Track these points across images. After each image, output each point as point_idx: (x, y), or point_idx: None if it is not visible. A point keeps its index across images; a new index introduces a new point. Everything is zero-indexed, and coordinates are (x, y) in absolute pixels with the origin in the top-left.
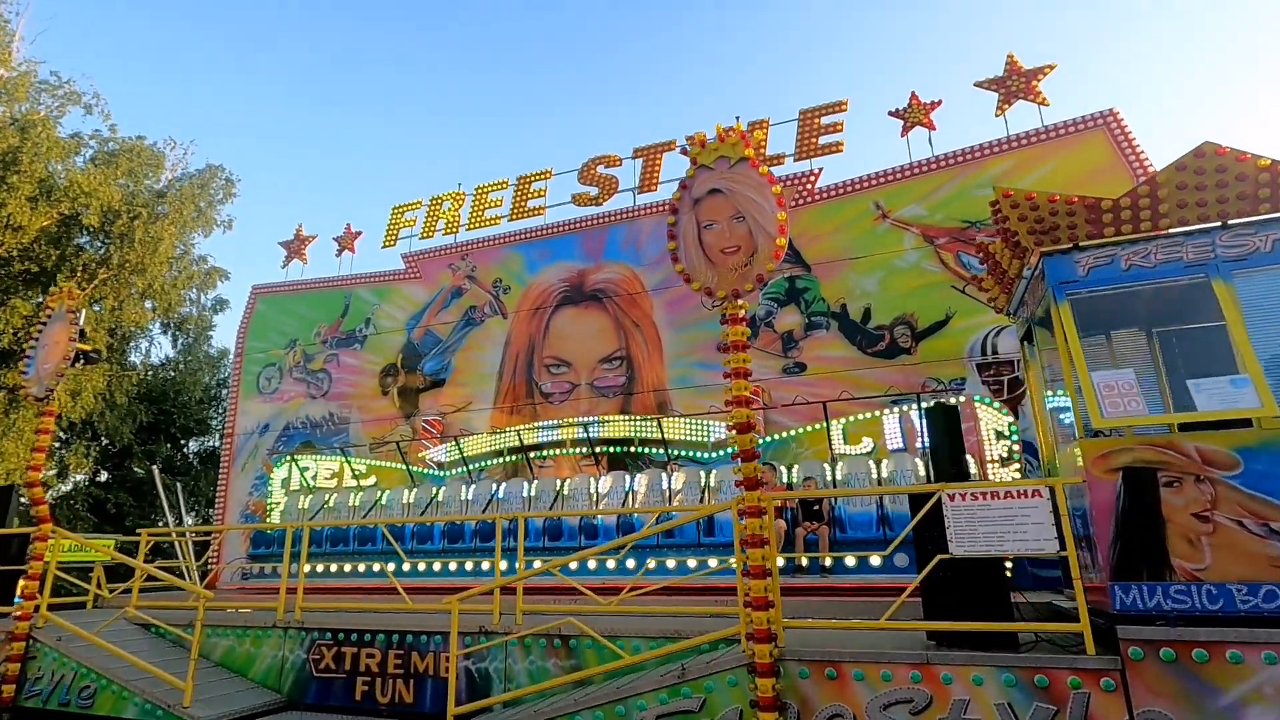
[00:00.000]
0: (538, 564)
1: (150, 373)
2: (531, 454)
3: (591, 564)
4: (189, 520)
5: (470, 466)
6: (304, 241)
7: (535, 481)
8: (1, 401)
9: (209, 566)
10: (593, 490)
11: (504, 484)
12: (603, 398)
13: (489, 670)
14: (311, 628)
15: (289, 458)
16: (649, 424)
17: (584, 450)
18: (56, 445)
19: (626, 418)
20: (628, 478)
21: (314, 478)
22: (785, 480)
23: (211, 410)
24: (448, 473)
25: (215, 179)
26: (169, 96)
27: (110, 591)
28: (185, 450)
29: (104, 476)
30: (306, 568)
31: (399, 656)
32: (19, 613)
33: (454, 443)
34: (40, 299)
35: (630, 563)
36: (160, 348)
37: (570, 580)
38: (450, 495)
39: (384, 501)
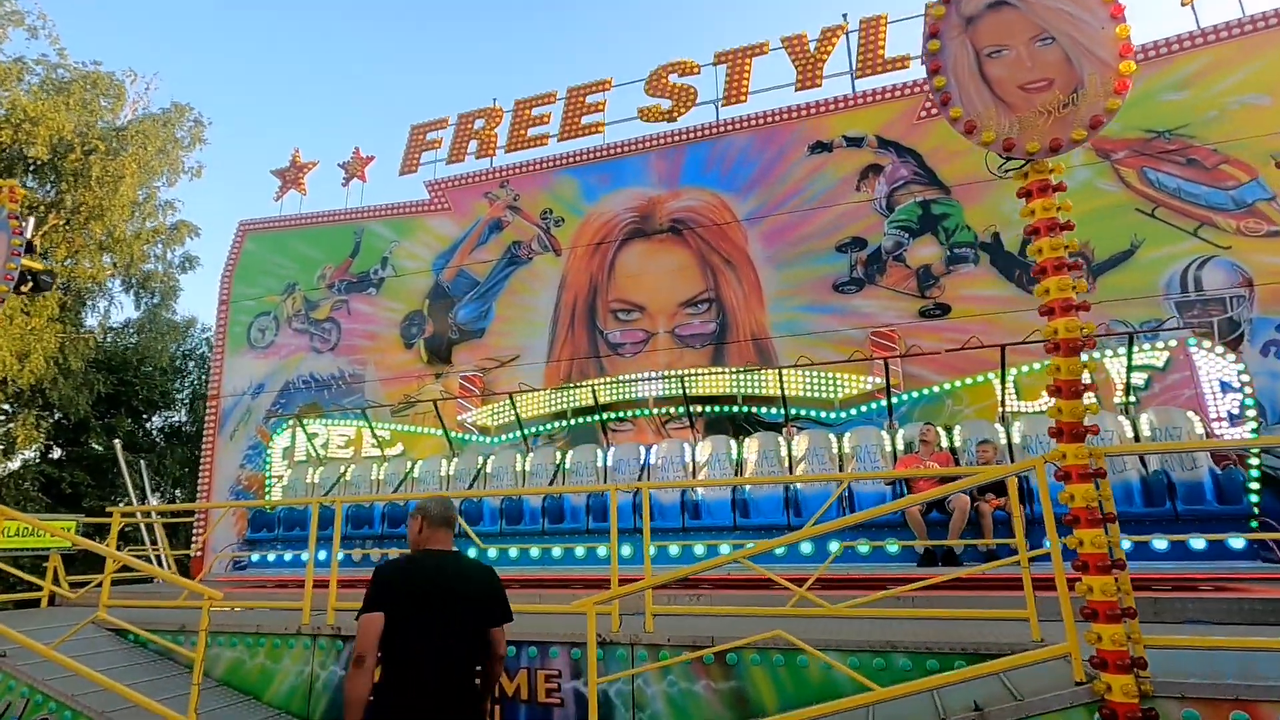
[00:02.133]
0: (698, 549)
1: (109, 337)
2: (599, 416)
3: (715, 549)
4: (153, 502)
5: (526, 431)
6: (302, 169)
7: (612, 449)
8: None
9: (192, 555)
10: (688, 459)
11: (570, 452)
12: (687, 348)
13: (609, 695)
14: (352, 635)
15: (293, 422)
16: (761, 378)
17: (667, 411)
18: (1, 417)
19: (728, 371)
20: (732, 443)
21: (324, 446)
22: (947, 444)
23: (176, 383)
24: (495, 438)
25: (183, 119)
26: (126, 24)
27: (70, 588)
28: (149, 425)
29: (57, 453)
30: (323, 555)
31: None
32: None
33: (509, 401)
34: None
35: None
36: (121, 308)
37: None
38: (501, 466)
39: (416, 474)
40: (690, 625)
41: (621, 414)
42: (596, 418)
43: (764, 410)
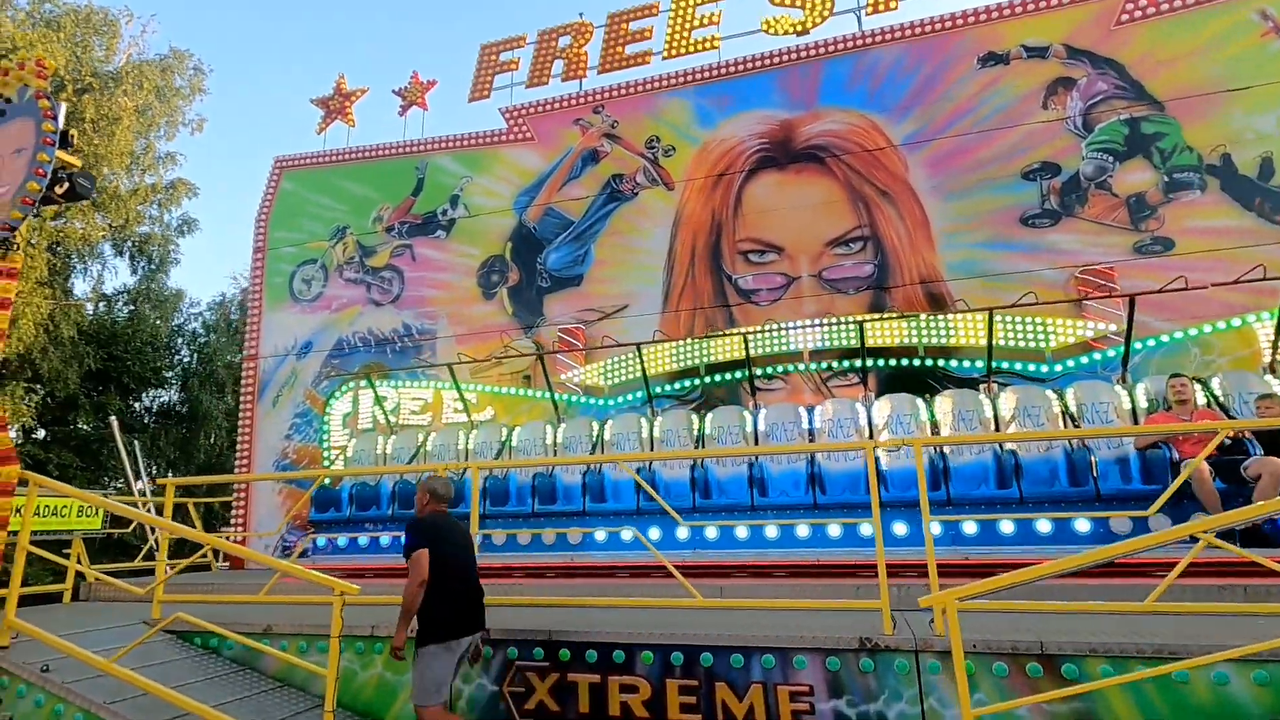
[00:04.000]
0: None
1: (100, 305)
2: (741, 373)
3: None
4: (140, 487)
5: (652, 390)
6: (348, 97)
7: (763, 411)
8: None
9: (233, 539)
10: (863, 422)
11: (710, 414)
12: (839, 294)
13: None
14: (505, 639)
15: (355, 383)
16: (949, 326)
17: (829, 365)
18: None
19: (907, 318)
20: (919, 402)
21: (394, 410)
22: (1204, 400)
23: (165, 360)
24: (606, 400)
25: (182, 66)
26: None
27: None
28: (141, 404)
29: (41, 433)
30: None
31: (689, 690)
32: None
33: (628, 355)
34: None
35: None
36: (115, 274)
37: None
38: (622, 432)
39: (515, 443)
40: (997, 625)
41: (770, 370)
42: (738, 375)
43: (953, 363)
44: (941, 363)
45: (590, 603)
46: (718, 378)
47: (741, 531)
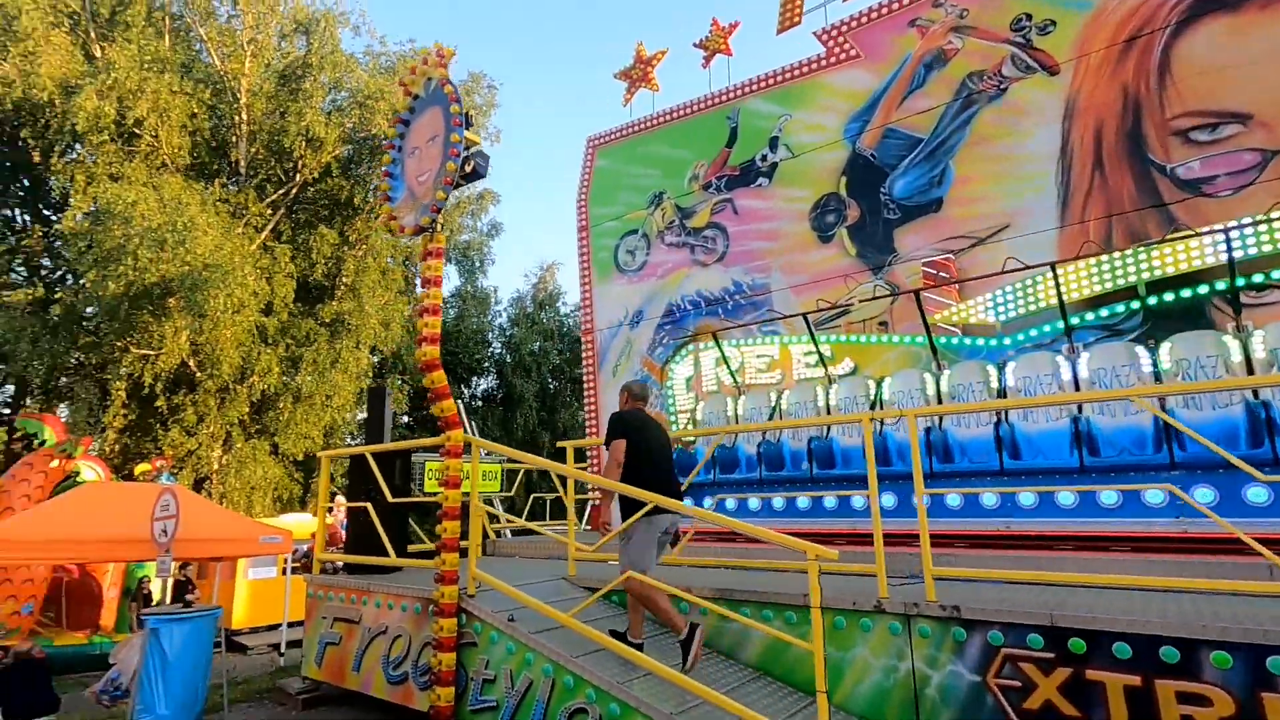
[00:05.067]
0: None
1: (443, 308)
2: (1198, 286)
3: None
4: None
5: (1069, 322)
6: (649, 63)
7: (1261, 334)
8: (323, 335)
9: (591, 502)
10: None
11: (1167, 346)
12: None
13: None
14: (979, 619)
15: (695, 346)
16: None
17: None
18: (372, 375)
19: None
20: None
21: (738, 369)
22: None
23: (484, 351)
24: (1000, 339)
25: (479, 86)
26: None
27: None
28: (469, 390)
29: (405, 419)
30: (806, 499)
31: None
32: (446, 571)
33: (1034, 282)
34: (343, 229)
35: None
36: (447, 279)
37: None
38: (1031, 376)
39: (887, 397)
40: None
41: (1263, 276)
42: (1204, 289)
43: None
44: None
45: (1076, 580)
46: (1168, 297)
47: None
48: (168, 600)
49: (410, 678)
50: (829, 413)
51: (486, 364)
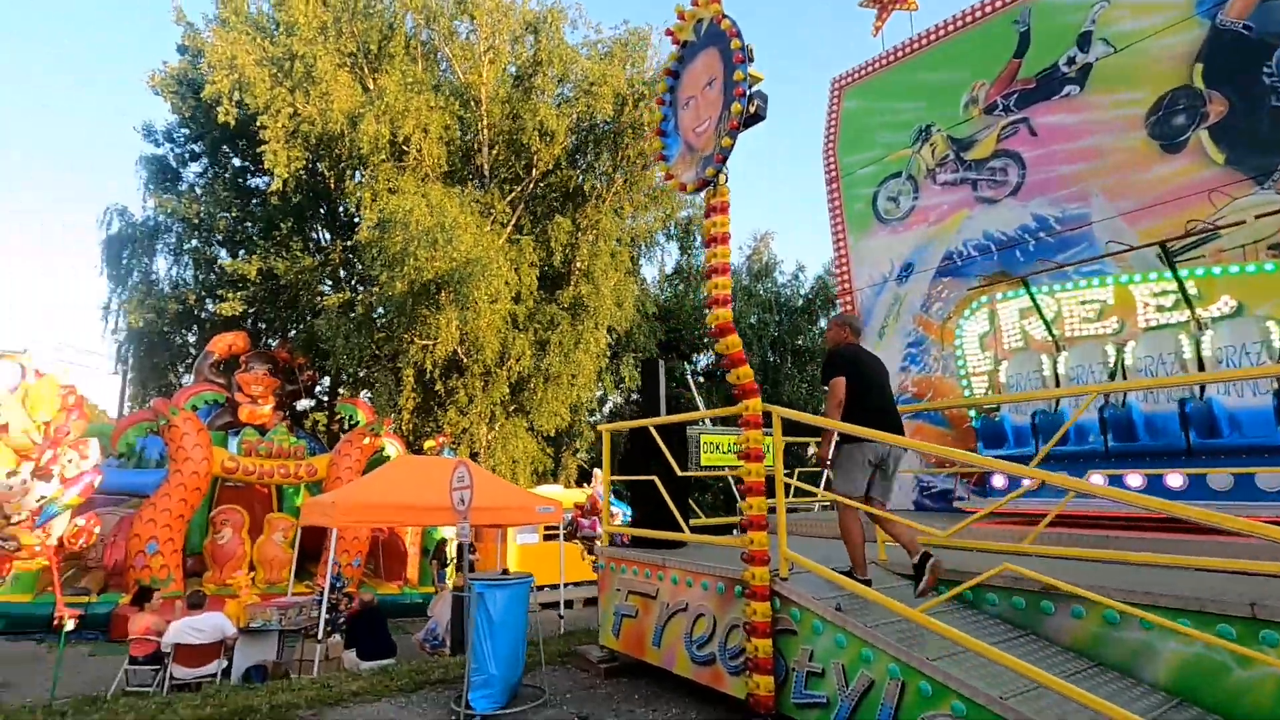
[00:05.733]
0: None
1: (665, 285)
2: None
3: None
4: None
5: None
6: None
7: None
8: (565, 319)
9: None
10: None
11: None
12: None
13: None
14: None
15: (990, 297)
16: None
17: None
18: (608, 354)
19: None
20: None
21: (1054, 320)
22: None
23: (703, 328)
24: None
25: None
26: None
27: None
28: (693, 367)
29: (634, 396)
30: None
31: None
32: (755, 551)
33: None
34: (574, 216)
35: None
36: (669, 256)
37: None
38: None
39: None
40: None
41: None
42: None
43: None
44: None
45: None
46: None
47: None
48: (456, 561)
49: (718, 659)
50: (1200, 365)
51: (706, 340)
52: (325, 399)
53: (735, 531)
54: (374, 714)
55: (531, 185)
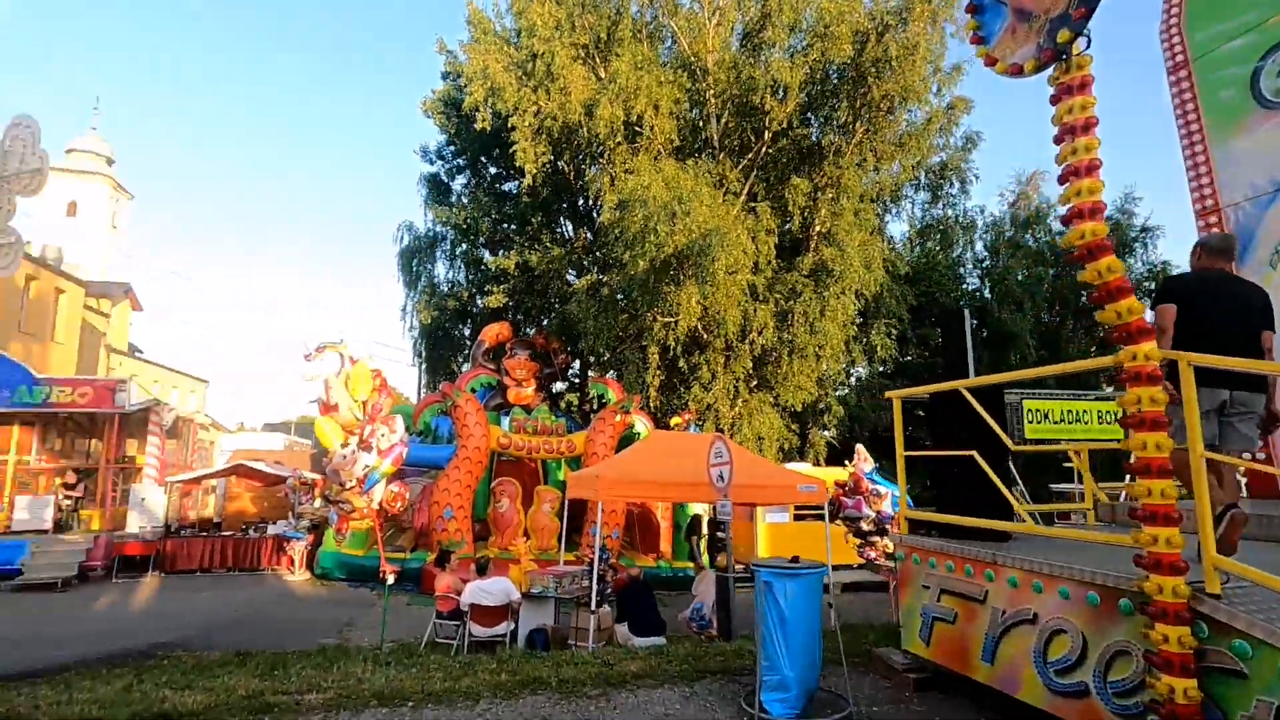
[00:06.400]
0: None
1: (915, 246)
2: None
3: None
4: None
5: None
6: None
7: None
8: (808, 286)
9: None
10: None
11: None
12: None
13: None
14: None
15: None
16: None
17: None
18: (856, 322)
19: None
20: None
21: None
22: None
23: (958, 288)
24: None
25: None
26: None
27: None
28: (940, 331)
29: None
30: None
31: None
32: (1161, 554)
33: None
34: (811, 176)
35: None
36: (914, 208)
37: None
38: None
39: None
40: None
41: None
42: None
43: None
44: None
45: None
46: None
47: None
48: (707, 539)
49: (1092, 693)
50: None
51: (962, 302)
52: (576, 381)
53: (1059, 521)
54: (659, 701)
55: (763, 149)
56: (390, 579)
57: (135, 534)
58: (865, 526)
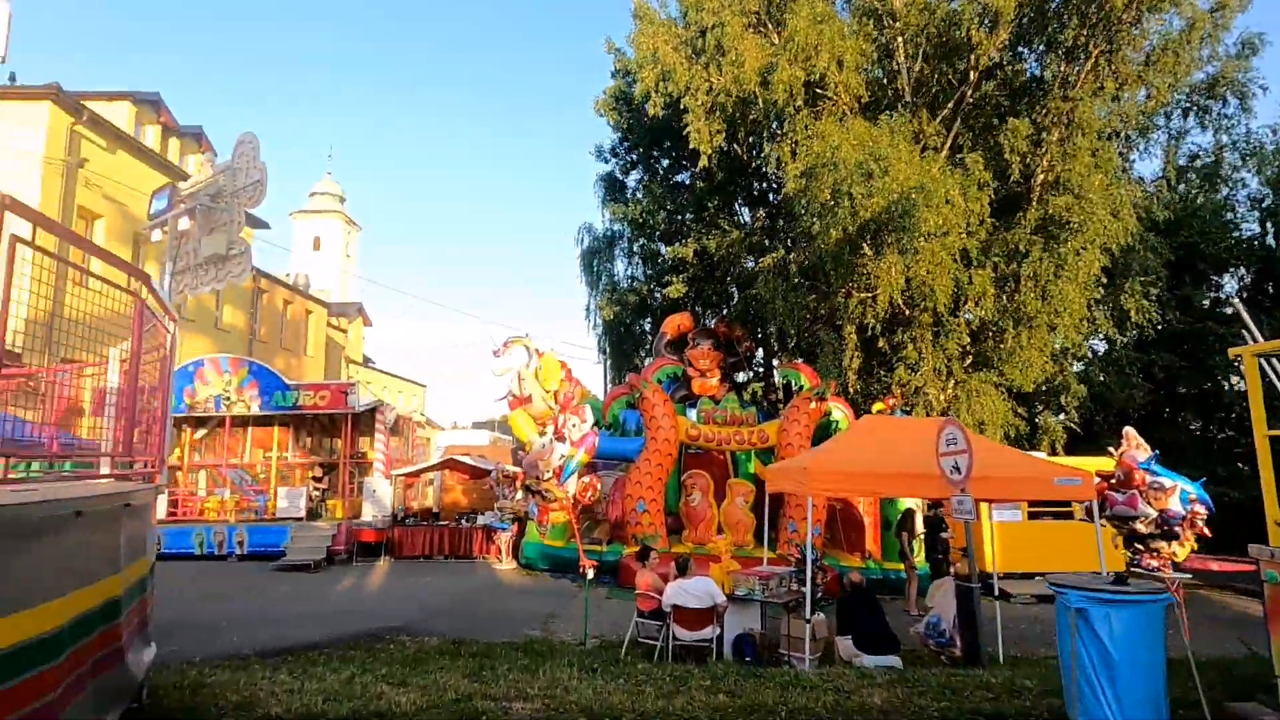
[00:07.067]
0: None
1: (1172, 187)
2: None
3: None
4: None
5: None
6: None
7: None
8: (1036, 244)
9: None
10: None
11: None
12: None
13: None
14: None
15: None
16: None
17: None
18: (1100, 283)
19: None
20: None
21: None
22: None
23: (1228, 237)
24: None
25: None
26: None
27: None
28: (1217, 295)
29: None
30: None
31: None
32: None
33: None
34: (1031, 115)
35: None
36: (1169, 139)
37: None
38: None
39: None
40: None
41: None
42: None
43: None
44: None
45: None
46: None
47: None
48: (925, 537)
49: None
50: None
51: (1237, 254)
52: (760, 370)
53: None
54: None
55: (969, 92)
56: (590, 574)
57: (370, 522)
58: (1143, 528)
